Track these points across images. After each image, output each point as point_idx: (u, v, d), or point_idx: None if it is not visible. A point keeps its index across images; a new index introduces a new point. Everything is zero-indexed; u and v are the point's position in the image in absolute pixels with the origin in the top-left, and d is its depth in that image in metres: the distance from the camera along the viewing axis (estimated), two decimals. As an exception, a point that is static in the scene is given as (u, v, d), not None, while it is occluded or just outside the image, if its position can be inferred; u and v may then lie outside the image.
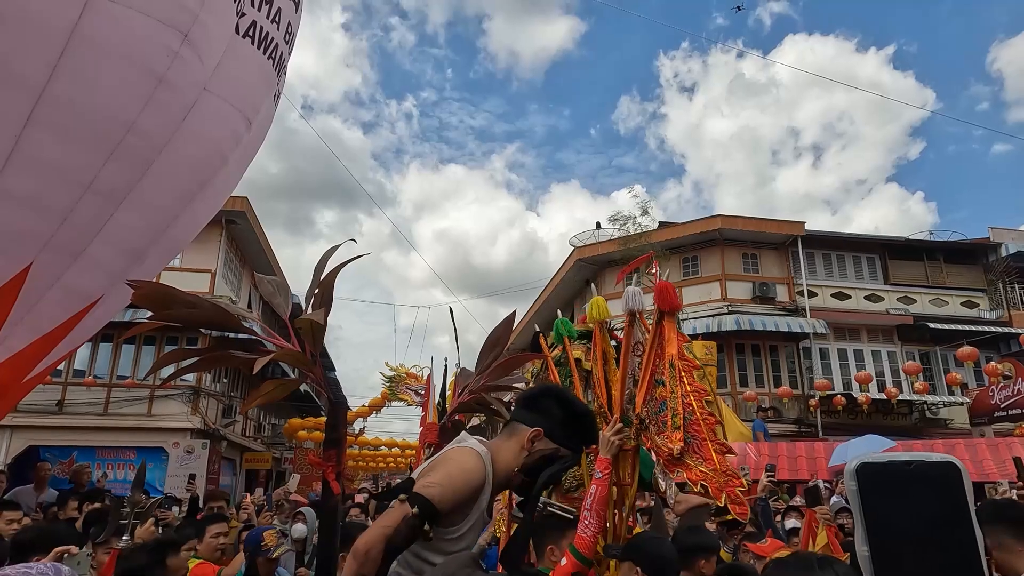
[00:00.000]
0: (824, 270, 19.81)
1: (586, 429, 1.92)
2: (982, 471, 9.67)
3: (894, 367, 18.55)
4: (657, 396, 2.42)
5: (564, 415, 1.86)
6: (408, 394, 16.89)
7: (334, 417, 1.94)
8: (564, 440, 1.83)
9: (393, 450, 21.22)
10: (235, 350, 1.86)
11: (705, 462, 2.21)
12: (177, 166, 3.29)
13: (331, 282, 1.97)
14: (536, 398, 1.92)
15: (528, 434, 1.80)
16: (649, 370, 2.47)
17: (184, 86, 3.11)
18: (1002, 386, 14.47)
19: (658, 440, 2.36)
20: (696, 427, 2.25)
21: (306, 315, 1.75)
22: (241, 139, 3.79)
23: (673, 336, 2.40)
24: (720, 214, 19.54)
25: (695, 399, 2.29)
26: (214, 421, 16.72)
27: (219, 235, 16.70)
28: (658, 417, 2.38)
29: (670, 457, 2.28)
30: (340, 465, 1.85)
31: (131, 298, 1.73)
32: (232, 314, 1.72)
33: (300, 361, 1.75)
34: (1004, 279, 19.98)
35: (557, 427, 1.83)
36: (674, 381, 2.32)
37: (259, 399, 2.02)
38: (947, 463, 1.26)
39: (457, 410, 2.06)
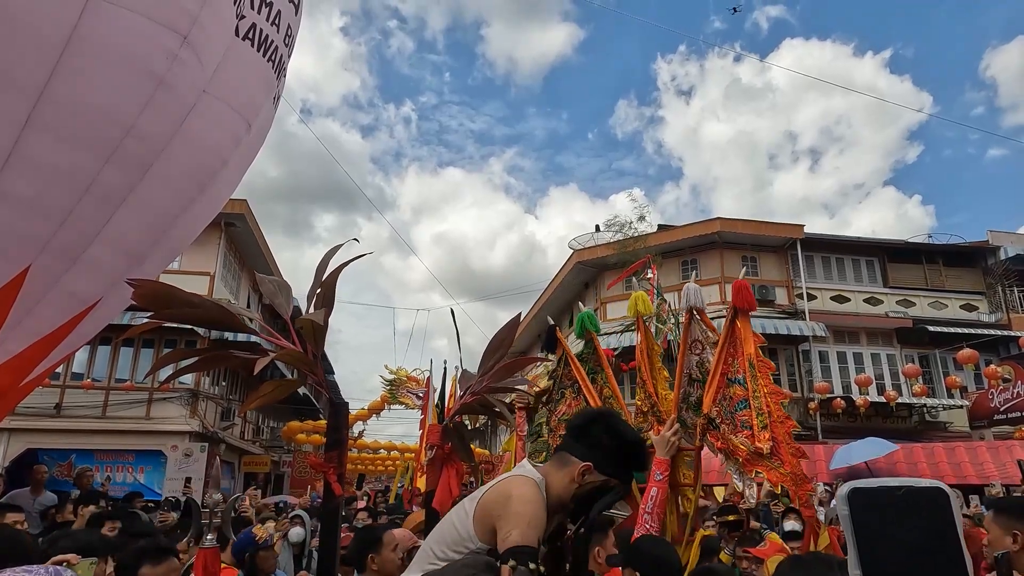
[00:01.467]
0: (823, 273, 19.82)
1: (636, 458, 1.90)
2: (983, 473, 9.66)
3: (893, 370, 18.54)
4: (732, 395, 2.38)
5: (613, 445, 1.84)
6: (409, 397, 16.85)
7: (335, 419, 1.93)
8: (614, 472, 1.82)
9: (392, 453, 21.18)
10: (235, 351, 1.85)
11: (783, 465, 2.19)
12: (176, 169, 3.28)
13: (333, 282, 1.97)
14: (586, 427, 1.89)
15: (579, 468, 1.79)
16: (720, 368, 2.44)
17: (183, 88, 3.11)
18: (1001, 389, 14.47)
19: (734, 439, 2.33)
20: (775, 429, 2.23)
21: (307, 315, 1.74)
22: (241, 141, 3.79)
23: (749, 335, 2.38)
24: (719, 217, 19.56)
25: (772, 400, 2.27)
26: (213, 424, 16.69)
27: (218, 237, 16.68)
28: (735, 416, 2.35)
29: (751, 456, 2.26)
30: (342, 467, 1.84)
31: (131, 297, 1.72)
32: (233, 313, 1.71)
33: (301, 361, 1.75)
34: (1003, 282, 20.00)
35: (608, 459, 1.81)
36: (754, 380, 2.29)
37: (258, 400, 2.01)
38: (935, 488, 1.33)
39: (460, 411, 2.05)
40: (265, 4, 3.60)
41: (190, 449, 15.10)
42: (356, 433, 19.25)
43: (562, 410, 3.00)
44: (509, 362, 2.13)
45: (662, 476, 2.35)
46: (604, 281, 21.43)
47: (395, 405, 17.18)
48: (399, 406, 17.12)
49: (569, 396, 3.02)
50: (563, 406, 3.01)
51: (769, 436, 2.20)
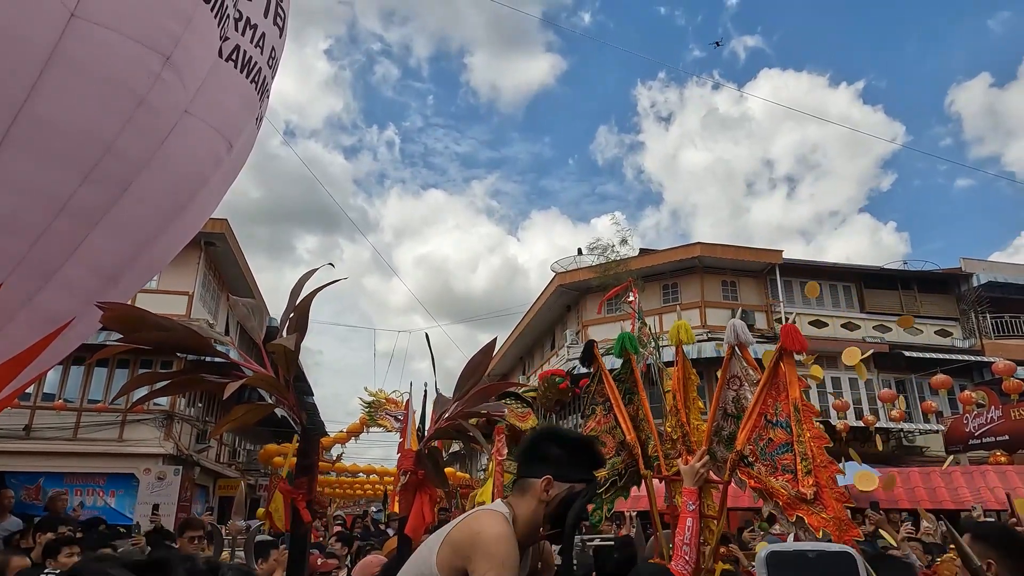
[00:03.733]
0: (801, 298, 20.07)
1: (590, 456, 1.91)
2: (957, 499, 9.76)
3: (871, 394, 18.74)
4: (774, 438, 2.38)
5: (565, 452, 1.85)
6: (388, 420, 16.67)
7: (306, 444, 1.90)
8: (575, 476, 1.82)
9: (371, 477, 20.89)
10: (208, 374, 1.83)
11: (826, 509, 2.19)
12: (155, 188, 3.27)
13: (307, 307, 1.96)
14: (533, 448, 1.91)
15: (540, 484, 1.79)
16: (758, 408, 2.44)
17: (165, 109, 3.10)
18: (976, 414, 14.65)
19: (775, 482, 2.33)
20: (818, 474, 2.23)
21: (279, 340, 1.72)
22: (222, 162, 3.78)
23: (795, 378, 2.37)
24: (700, 242, 19.80)
25: (815, 445, 2.27)
26: (187, 446, 16.37)
27: (197, 257, 16.53)
28: (776, 459, 2.36)
29: (792, 500, 2.26)
30: (311, 493, 1.81)
31: (100, 320, 1.69)
32: (205, 337, 1.69)
33: (273, 386, 1.72)
34: (976, 309, 20.39)
35: (564, 467, 1.82)
36: (799, 425, 2.29)
37: (229, 424, 1.98)
38: (843, 553, 1.52)
39: (434, 436, 2.03)
40: (249, 26, 3.63)
41: (163, 472, 14.78)
42: (335, 456, 18.99)
43: (591, 426, 3.00)
44: (484, 387, 2.12)
45: (694, 506, 2.36)
46: (586, 304, 21.51)
47: (374, 428, 17.01)
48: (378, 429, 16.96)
49: (600, 413, 3.02)
50: (592, 422, 3.00)
51: (813, 481, 2.20)
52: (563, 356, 21.24)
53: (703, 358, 16.85)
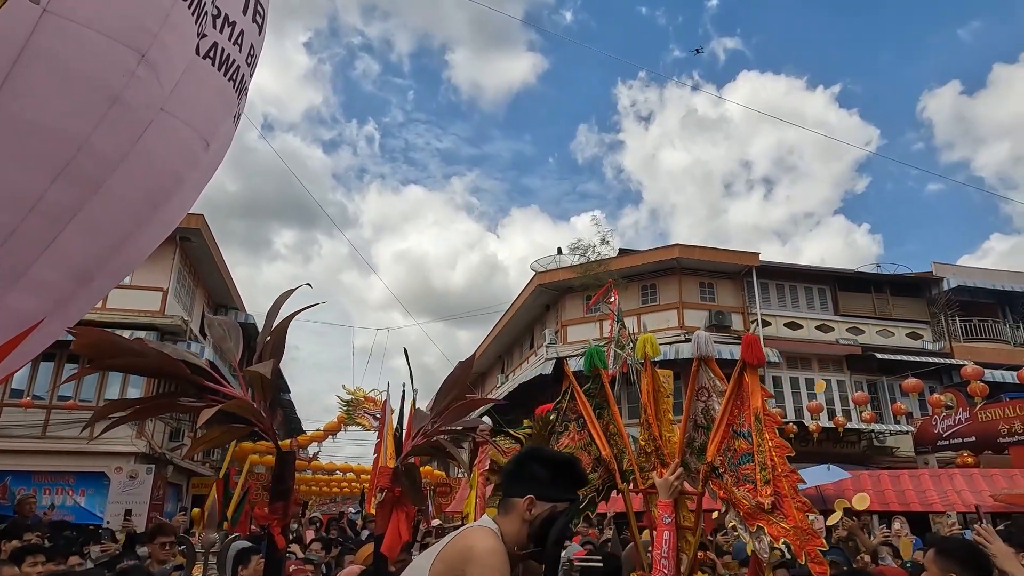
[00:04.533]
0: (777, 300, 20.34)
1: (572, 474, 1.93)
2: (925, 501, 9.97)
3: (843, 395, 19.06)
4: (737, 448, 2.39)
5: (548, 472, 1.88)
6: (366, 418, 16.58)
7: (283, 468, 1.87)
8: (558, 495, 1.85)
9: (347, 475, 20.77)
10: (181, 398, 1.79)
11: (786, 519, 2.19)
12: (129, 187, 3.20)
13: (283, 331, 1.93)
14: (517, 468, 1.93)
15: (523, 504, 1.81)
16: (726, 419, 2.45)
17: (140, 106, 3.04)
18: (944, 416, 14.98)
19: (737, 492, 2.34)
20: (779, 483, 2.23)
21: (255, 367, 1.70)
22: (198, 161, 3.72)
23: (757, 389, 2.39)
24: (678, 244, 19.97)
25: (776, 455, 2.28)
26: (160, 445, 16.13)
27: (172, 253, 16.28)
28: (739, 469, 2.37)
29: (752, 510, 2.26)
30: (286, 518, 1.78)
31: (73, 347, 1.65)
32: (179, 362, 1.66)
33: (249, 411, 1.69)
34: (946, 312, 20.82)
35: (546, 487, 1.84)
36: (760, 435, 2.30)
37: (204, 444, 1.95)
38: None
39: (411, 453, 2.02)
40: (228, 23, 3.57)
41: (135, 471, 14.55)
42: (311, 454, 18.82)
43: (565, 442, 3.00)
44: (462, 403, 2.10)
45: (670, 519, 2.37)
46: (565, 304, 21.58)
47: (352, 426, 16.91)
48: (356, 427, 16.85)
49: (573, 430, 3.02)
50: (566, 439, 3.01)
51: (771, 491, 2.20)
52: (541, 356, 21.29)
53: (681, 359, 16.99)
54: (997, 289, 21.34)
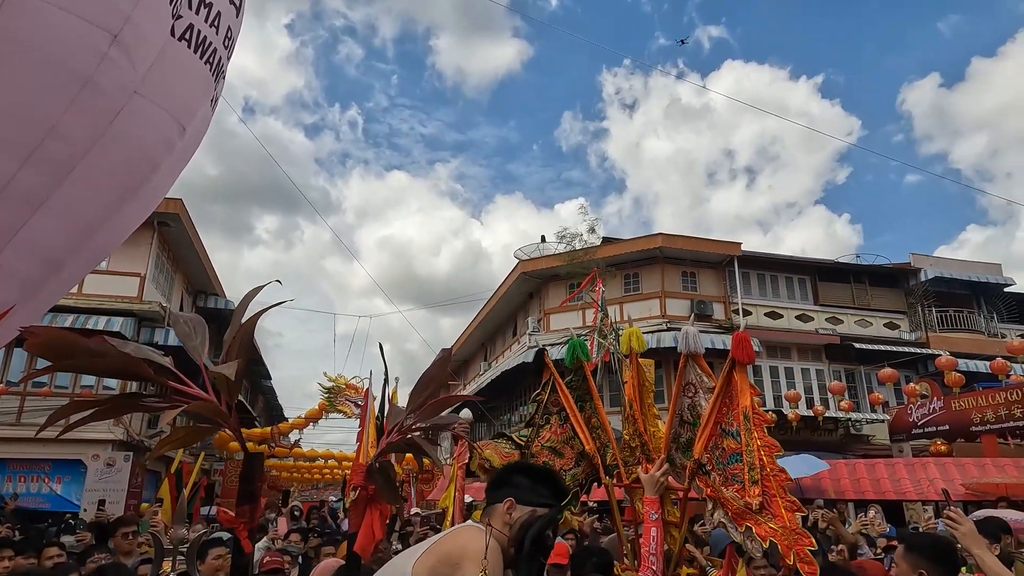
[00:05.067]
0: (759, 290, 20.52)
1: (552, 483, 1.96)
2: (899, 489, 10.15)
3: (822, 384, 19.32)
4: (726, 447, 2.38)
5: (528, 479, 1.92)
6: (347, 406, 16.54)
7: (250, 469, 1.83)
8: (537, 500, 1.87)
9: (329, 462, 20.72)
10: (144, 399, 1.74)
11: (775, 518, 2.18)
12: (102, 172, 3.12)
13: (250, 328, 1.88)
14: (500, 478, 1.97)
15: (503, 508, 1.84)
16: (713, 417, 2.44)
17: (112, 89, 2.96)
18: (919, 405, 15.23)
19: (726, 491, 2.33)
20: (767, 483, 2.23)
21: (220, 368, 1.65)
22: (174, 145, 3.64)
23: (746, 387, 2.37)
24: (661, 233, 20.02)
25: (765, 454, 2.27)
26: (138, 432, 15.96)
27: (150, 238, 16.02)
28: (727, 469, 2.35)
29: (741, 510, 2.26)
30: (253, 521, 1.75)
31: (26, 347, 1.59)
32: (142, 362, 1.60)
33: (214, 413, 1.65)
34: (923, 303, 21.14)
35: (526, 491, 1.87)
36: (748, 434, 2.29)
37: (169, 445, 1.91)
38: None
39: (385, 450, 1.99)
40: (204, 5, 3.48)
41: (112, 459, 14.38)
42: (292, 441, 18.73)
43: (546, 436, 2.98)
44: (439, 399, 2.08)
45: (656, 515, 2.37)
46: (549, 291, 21.59)
47: (333, 413, 16.84)
48: (338, 414, 16.79)
49: (555, 423, 2.99)
50: (547, 432, 2.98)
51: (759, 491, 2.20)
52: (524, 344, 21.32)
53: (663, 347, 17.11)
54: (972, 280, 21.69)
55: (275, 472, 20.94)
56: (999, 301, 22.68)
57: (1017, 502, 9.04)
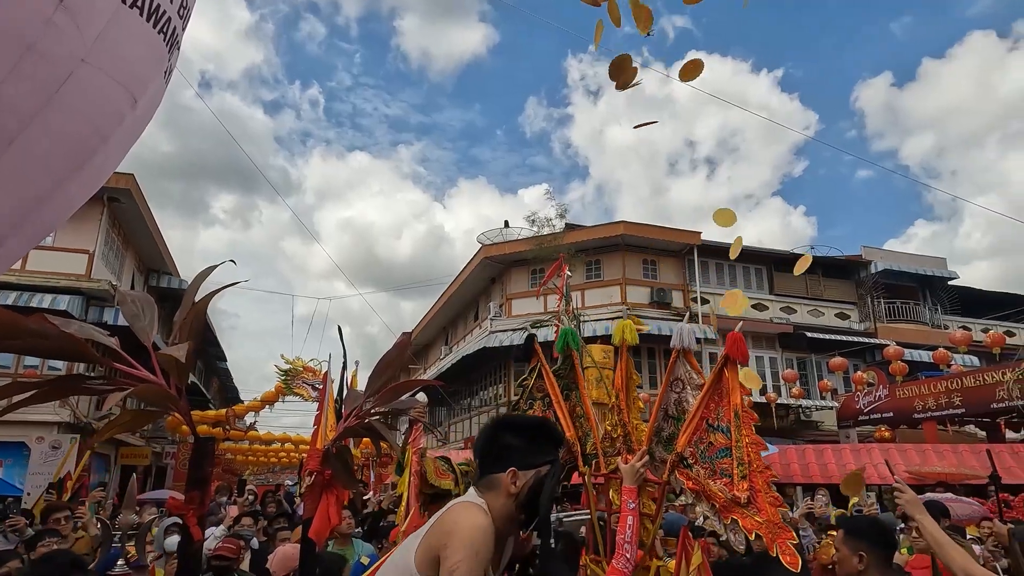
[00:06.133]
0: (716, 279, 20.90)
1: (547, 435, 1.92)
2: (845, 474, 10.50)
3: (775, 372, 19.85)
4: (715, 442, 2.41)
5: (523, 440, 1.85)
6: (305, 388, 16.27)
7: (199, 454, 1.77)
8: (538, 460, 1.82)
9: (286, 445, 20.43)
10: (88, 382, 1.67)
11: (759, 513, 2.23)
12: (46, 143, 2.97)
13: (202, 310, 1.82)
14: (489, 444, 1.89)
15: (507, 479, 1.77)
16: (700, 412, 2.46)
17: (58, 57, 2.81)
18: (866, 392, 15.78)
19: (713, 485, 2.36)
20: (753, 479, 2.27)
21: (169, 350, 1.59)
22: (124, 117, 3.49)
23: (737, 385, 2.40)
24: (623, 220, 20.18)
25: (753, 450, 2.31)
26: (86, 414, 15.48)
27: (99, 213, 15.45)
28: (716, 463, 2.39)
29: (728, 503, 2.29)
30: (203, 507, 1.70)
31: None
32: (87, 344, 1.53)
33: (162, 396, 1.59)
34: (872, 294, 21.86)
35: (525, 455, 1.81)
36: (738, 431, 2.32)
37: (113, 430, 1.84)
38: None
39: (343, 435, 1.96)
40: (158, -29, 3.33)
41: (58, 441, 13.94)
42: (248, 424, 18.40)
43: None
44: (397, 384, 2.05)
45: (634, 504, 2.39)
46: (511, 277, 21.61)
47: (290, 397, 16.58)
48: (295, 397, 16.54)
49: (539, 408, 2.99)
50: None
51: (747, 486, 2.25)
52: (486, 328, 21.32)
53: (622, 334, 17.26)
54: (919, 273, 22.51)
55: (229, 455, 20.57)
56: (943, 294, 23.60)
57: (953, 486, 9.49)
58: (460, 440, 23.97)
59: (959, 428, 15.68)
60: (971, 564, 2.22)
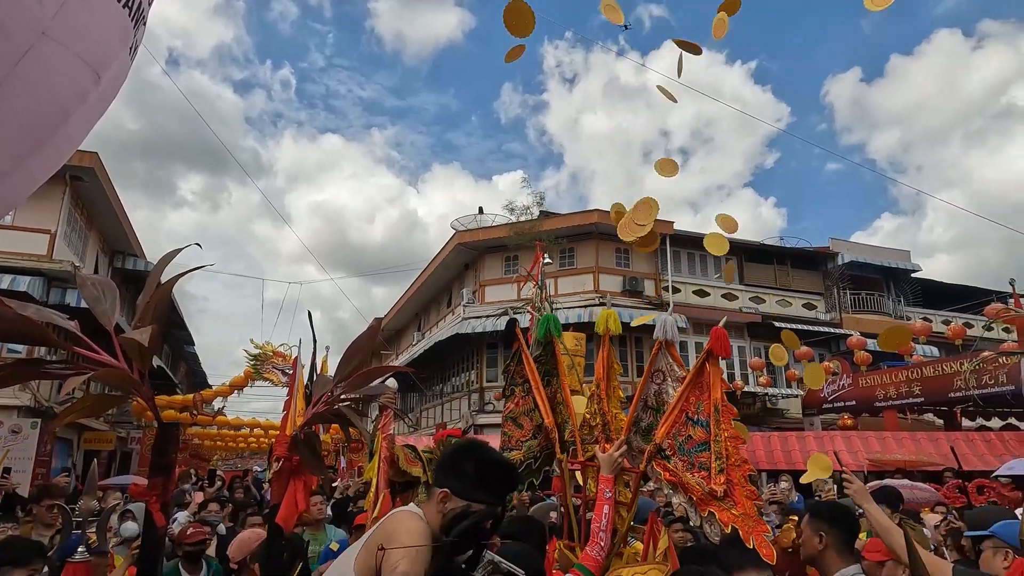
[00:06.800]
0: (688, 268, 21.16)
1: (499, 479, 1.90)
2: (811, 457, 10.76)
3: (743, 360, 20.20)
4: (694, 435, 2.42)
5: (475, 471, 1.84)
6: (274, 373, 16.12)
7: (163, 440, 1.74)
8: (476, 496, 1.81)
9: (255, 430, 20.23)
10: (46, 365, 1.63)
11: (736, 506, 2.25)
12: (4, 120, 2.87)
13: (166, 293, 1.78)
14: (450, 458, 1.90)
15: (438, 496, 1.79)
16: (680, 405, 2.48)
17: (16, 29, 2.70)
18: (830, 382, 16.16)
19: (690, 477, 2.38)
20: (731, 472, 2.29)
21: (132, 334, 1.55)
22: (87, 94, 3.38)
23: (718, 380, 2.41)
24: (598, 209, 20.26)
25: (731, 445, 2.33)
26: (47, 398, 15.12)
27: (62, 192, 15.02)
28: (695, 456, 2.41)
29: (705, 496, 2.32)
30: (167, 495, 1.67)
31: None
32: (44, 327, 1.49)
33: (124, 381, 1.56)
34: (839, 285, 22.32)
35: (467, 484, 1.81)
36: (717, 425, 2.34)
37: (75, 414, 1.79)
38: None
39: (312, 421, 1.94)
40: (123, -56, 3.22)
41: (18, 425, 13.61)
42: (216, 409, 18.16)
43: (510, 407, 2.97)
44: (367, 370, 2.04)
45: (611, 493, 2.42)
46: (484, 264, 21.58)
47: (260, 381, 16.40)
48: (264, 382, 16.36)
49: (519, 394, 2.98)
50: (511, 403, 2.98)
51: (724, 480, 2.28)
52: (459, 315, 21.30)
53: (594, 322, 17.40)
54: (884, 265, 23.04)
55: (197, 440, 20.31)
56: (906, 285, 24.20)
57: (911, 472, 9.79)
58: (431, 426, 23.98)
59: (918, 416, 16.17)
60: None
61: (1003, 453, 10.28)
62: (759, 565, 2.24)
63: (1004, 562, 2.46)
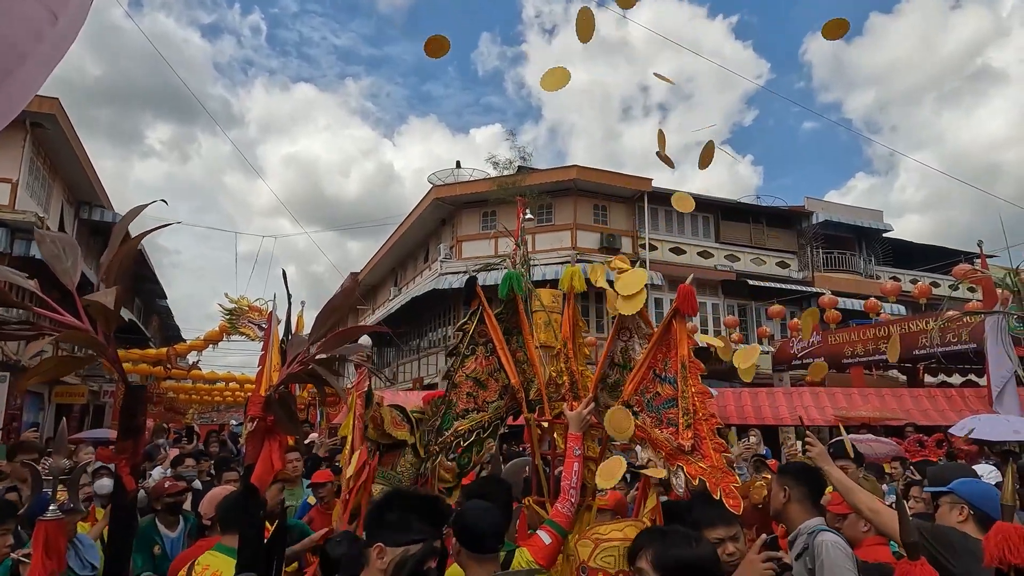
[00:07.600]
0: (665, 226, 21.22)
1: (427, 514, 1.86)
2: (777, 415, 11.10)
3: (716, 317, 20.52)
4: (661, 392, 2.46)
5: (399, 515, 1.82)
6: (251, 328, 16.01)
7: (132, 402, 1.70)
8: (407, 538, 1.79)
9: (231, 384, 20.17)
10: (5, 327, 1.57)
11: (704, 459, 2.30)
12: (-46, 61, 2.72)
13: (131, 251, 1.72)
14: (373, 514, 1.88)
15: (374, 554, 1.75)
16: (647, 362, 2.50)
17: (-38, -37, 2.54)
18: (800, 338, 16.51)
19: (659, 433, 2.41)
20: (698, 427, 2.33)
21: (96, 295, 1.49)
22: (44, 35, 3.20)
23: (684, 337, 2.43)
24: (576, 165, 20.11)
25: (698, 400, 2.37)
26: (16, 352, 14.84)
27: (22, 140, 14.45)
28: (663, 412, 2.44)
29: (673, 451, 2.36)
30: (136, 457, 1.64)
31: None
32: (2, 285, 1.43)
33: (88, 342, 1.51)
34: (812, 244, 22.61)
35: (396, 531, 1.79)
36: (684, 382, 2.38)
37: (36, 378, 1.74)
38: None
39: (286, 380, 1.91)
40: None
41: (-15, 379, 13.38)
42: (191, 363, 18.02)
43: (471, 367, 2.95)
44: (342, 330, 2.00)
45: (580, 451, 2.44)
46: (462, 219, 21.42)
47: (236, 336, 16.28)
48: (240, 337, 16.24)
49: (481, 354, 2.96)
50: (472, 363, 2.95)
51: (692, 434, 2.33)
52: (436, 270, 21.21)
53: (571, 279, 17.45)
54: (856, 225, 23.35)
55: (172, 394, 20.20)
56: (878, 245, 24.59)
57: (875, 427, 10.13)
58: (408, 381, 24.12)
59: (883, 373, 16.64)
60: (875, 503, 2.51)
61: (962, 408, 10.66)
62: (728, 521, 2.30)
63: (960, 516, 2.57)
